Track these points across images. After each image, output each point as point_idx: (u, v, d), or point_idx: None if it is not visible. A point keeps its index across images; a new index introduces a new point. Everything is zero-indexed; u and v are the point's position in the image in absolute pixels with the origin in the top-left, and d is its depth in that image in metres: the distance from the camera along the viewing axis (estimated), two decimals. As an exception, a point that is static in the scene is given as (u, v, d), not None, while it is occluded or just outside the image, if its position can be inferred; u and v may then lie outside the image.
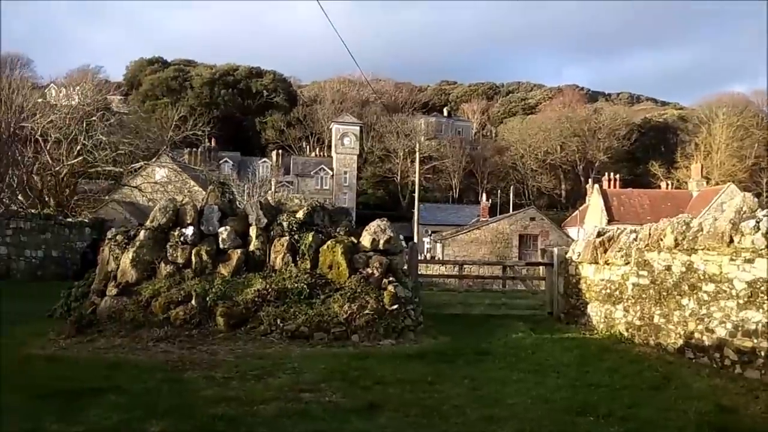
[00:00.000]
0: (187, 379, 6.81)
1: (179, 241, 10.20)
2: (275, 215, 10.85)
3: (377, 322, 9.37)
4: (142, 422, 5.28)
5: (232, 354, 8.14)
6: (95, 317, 9.46)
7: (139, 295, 9.58)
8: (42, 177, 28.06)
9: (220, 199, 10.94)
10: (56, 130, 28.96)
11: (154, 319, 9.23)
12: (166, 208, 10.65)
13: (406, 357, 8.13)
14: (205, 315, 9.28)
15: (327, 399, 6.11)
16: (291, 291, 9.58)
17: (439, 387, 6.66)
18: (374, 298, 9.63)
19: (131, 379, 6.67)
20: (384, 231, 10.69)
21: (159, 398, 5.97)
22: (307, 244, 10.26)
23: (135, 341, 8.66)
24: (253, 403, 5.86)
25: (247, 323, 9.26)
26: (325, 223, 11.09)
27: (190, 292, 9.48)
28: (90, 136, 29.36)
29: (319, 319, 9.25)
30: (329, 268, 10.09)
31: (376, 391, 6.41)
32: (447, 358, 8.18)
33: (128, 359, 7.77)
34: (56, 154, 28.59)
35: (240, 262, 10.11)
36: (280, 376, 6.95)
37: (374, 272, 10.06)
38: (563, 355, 8.64)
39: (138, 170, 34.66)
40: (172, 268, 9.94)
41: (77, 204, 29.60)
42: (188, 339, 8.80)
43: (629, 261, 9.91)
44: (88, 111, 31.53)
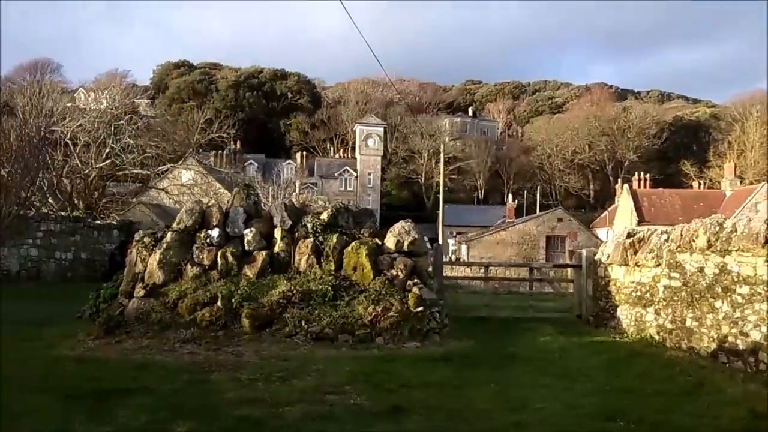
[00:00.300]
0: (213, 381, 6.84)
1: (205, 242, 10.27)
2: (300, 217, 10.87)
3: (402, 324, 9.31)
4: (168, 423, 5.31)
5: (257, 355, 8.16)
6: (123, 318, 9.58)
7: (166, 297, 9.67)
8: (71, 180, 28.67)
9: (245, 201, 10.99)
10: (85, 134, 29.57)
11: (181, 320, 9.31)
12: (192, 210, 10.74)
13: (431, 360, 8.05)
14: (231, 316, 9.32)
15: (351, 402, 6.07)
16: (315, 293, 9.56)
17: (465, 391, 6.57)
18: (399, 300, 9.57)
19: (158, 380, 6.72)
20: (408, 232, 10.62)
21: (185, 399, 6.01)
22: (331, 245, 10.24)
23: (162, 342, 8.74)
24: (278, 405, 5.85)
25: (272, 325, 9.28)
26: (349, 225, 11.06)
27: (216, 293, 9.54)
28: (118, 139, 29.92)
29: (344, 321, 9.23)
30: (353, 270, 10.06)
31: (400, 395, 6.34)
32: (473, 361, 8.08)
33: (155, 360, 7.84)
34: (85, 158, 29.19)
35: (265, 263, 10.14)
36: (304, 379, 6.94)
37: (399, 274, 10.00)
38: (592, 359, 8.47)
39: (165, 173, 35.18)
40: (198, 269, 10.02)
41: (106, 206, 30.16)
42: (214, 340, 8.85)
43: (660, 263, 9.68)
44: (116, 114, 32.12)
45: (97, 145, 29.41)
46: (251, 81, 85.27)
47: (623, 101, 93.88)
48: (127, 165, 30.29)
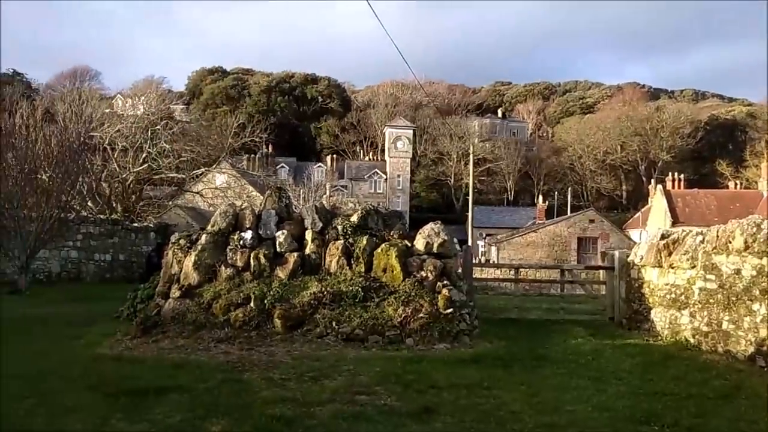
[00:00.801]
0: (247, 380, 6.96)
1: (238, 244, 10.47)
2: (330, 219, 10.99)
3: (432, 325, 9.33)
4: (203, 421, 5.44)
5: (289, 355, 8.28)
6: (160, 318, 9.82)
7: (201, 298, 9.88)
8: (110, 184, 29.48)
9: (277, 204, 11.16)
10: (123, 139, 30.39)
11: (215, 320, 9.50)
12: (226, 213, 10.96)
13: (461, 361, 8.06)
14: (264, 317, 9.48)
15: (382, 402, 6.12)
16: (346, 294, 9.66)
17: (495, 392, 6.56)
18: (428, 301, 9.60)
19: (193, 379, 6.87)
20: (438, 234, 10.64)
21: (219, 398, 6.14)
22: (361, 247, 10.32)
23: (197, 342, 8.93)
24: (309, 405, 5.93)
25: (304, 325, 9.40)
26: (378, 227, 11.13)
27: (249, 294, 9.72)
28: (154, 144, 30.67)
29: (374, 322, 9.30)
30: (383, 272, 10.13)
31: (431, 395, 6.38)
32: (503, 363, 8.05)
33: (191, 359, 8.01)
34: (123, 162, 29.99)
35: (296, 265, 10.28)
36: (335, 378, 7.02)
37: (428, 275, 10.03)
38: (625, 361, 8.36)
39: (199, 176, 35.89)
40: (231, 271, 10.21)
41: (143, 209, 30.92)
42: (247, 340, 9.01)
43: (695, 264, 9.50)
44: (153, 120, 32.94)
45: (135, 149, 30.20)
46: (283, 86, 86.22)
47: (656, 101, 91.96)
48: (163, 169, 31.02)
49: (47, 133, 23.96)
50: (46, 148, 21.66)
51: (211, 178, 38.10)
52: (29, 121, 29.67)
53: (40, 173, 20.33)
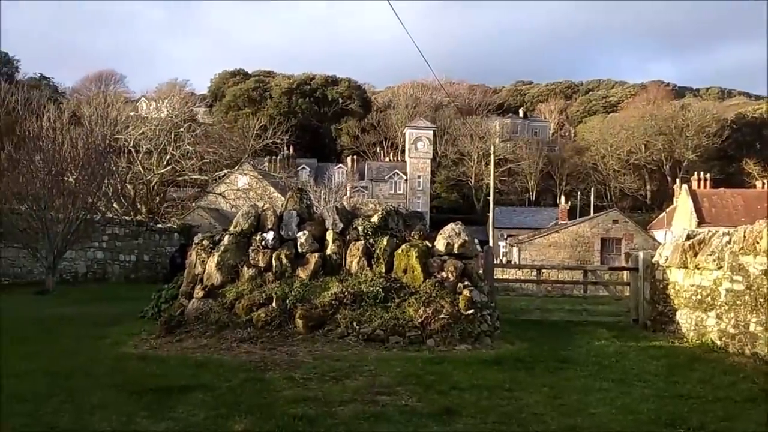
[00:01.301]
0: (269, 379, 7.01)
1: (260, 245, 10.55)
2: (351, 220, 11.01)
3: (453, 326, 9.30)
4: (226, 420, 5.49)
5: (311, 355, 8.32)
6: (183, 318, 9.94)
7: (224, 298, 9.98)
8: (134, 186, 29.96)
9: (298, 205, 11.22)
10: (147, 142, 30.88)
11: (238, 320, 9.59)
12: (248, 214, 11.06)
13: (482, 362, 8.02)
14: (285, 317, 9.54)
15: (403, 403, 6.12)
16: (366, 294, 9.68)
17: (517, 394, 6.52)
18: (449, 302, 9.57)
19: (216, 378, 6.95)
20: (458, 235, 10.60)
21: (242, 397, 6.20)
22: (381, 248, 10.34)
23: (220, 341, 9.02)
24: (331, 404, 5.96)
25: (325, 325, 9.44)
26: (399, 227, 11.13)
27: (271, 294, 9.79)
28: (178, 146, 31.11)
29: (395, 322, 9.30)
30: (404, 272, 10.13)
31: (452, 397, 6.36)
32: (525, 364, 7.99)
33: (214, 359, 8.10)
34: (147, 164, 30.47)
35: (317, 265, 10.32)
36: (357, 379, 7.04)
37: (449, 276, 10.00)
38: (650, 364, 8.24)
39: (222, 178, 36.27)
40: (254, 271, 10.30)
41: (166, 211, 31.37)
42: (269, 340, 9.07)
43: (722, 265, 9.33)
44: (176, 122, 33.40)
45: (158, 152, 30.67)
46: (304, 88, 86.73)
47: (681, 99, 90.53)
48: (186, 171, 31.45)
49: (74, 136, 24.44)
50: (73, 150, 22.11)
51: (233, 179, 38.49)
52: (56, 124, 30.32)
53: (67, 175, 20.76)
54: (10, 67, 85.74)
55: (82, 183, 20.57)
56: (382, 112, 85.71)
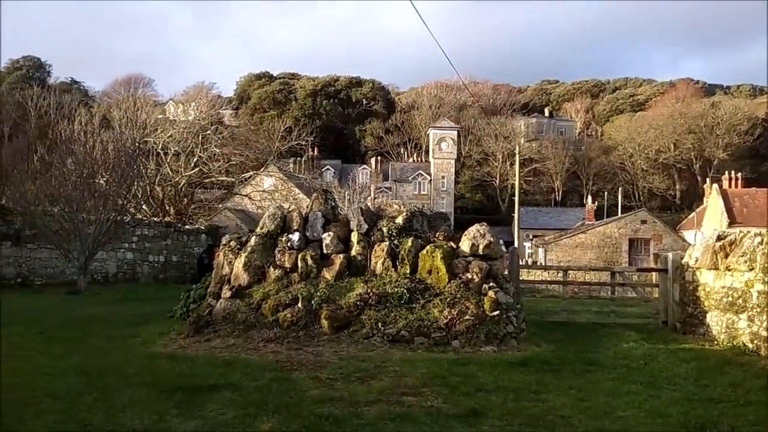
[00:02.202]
0: (295, 379, 7.08)
1: (286, 246, 10.65)
2: (375, 221, 11.05)
3: (478, 328, 9.27)
4: (254, 419, 5.55)
5: (336, 356, 8.37)
6: (211, 318, 10.08)
7: (251, 298, 10.10)
8: (163, 187, 30.50)
9: (323, 206, 11.30)
10: (175, 144, 31.41)
11: (264, 320, 9.70)
12: (274, 215, 11.17)
13: (508, 364, 7.98)
14: (311, 317, 9.61)
15: (429, 404, 6.13)
16: (391, 295, 9.70)
17: (544, 396, 6.47)
18: (474, 303, 9.54)
19: (244, 378, 7.03)
20: (483, 236, 10.57)
21: (269, 396, 6.26)
22: (406, 249, 10.35)
23: (247, 341, 9.13)
24: (357, 405, 5.99)
25: (350, 326, 9.48)
26: (424, 228, 11.13)
27: (297, 295, 9.87)
28: (205, 148, 31.59)
29: (419, 323, 9.31)
30: (428, 273, 10.13)
31: (478, 398, 6.34)
32: (552, 367, 7.93)
33: (241, 358, 8.20)
34: (175, 166, 30.99)
35: (342, 266, 10.38)
36: (382, 379, 7.06)
37: (474, 277, 9.97)
38: (679, 367, 8.11)
39: (248, 179, 36.70)
40: (280, 272, 10.40)
41: (194, 212, 31.87)
42: (295, 340, 9.15)
43: (754, 267, 9.13)
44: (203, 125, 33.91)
45: (186, 154, 31.18)
46: (328, 89, 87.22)
47: (711, 97, 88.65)
48: (213, 173, 31.91)
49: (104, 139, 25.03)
50: (104, 153, 22.61)
51: (259, 181, 38.91)
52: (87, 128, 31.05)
53: (98, 178, 21.21)
54: (42, 72, 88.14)
55: (112, 185, 21.01)
56: (406, 112, 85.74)
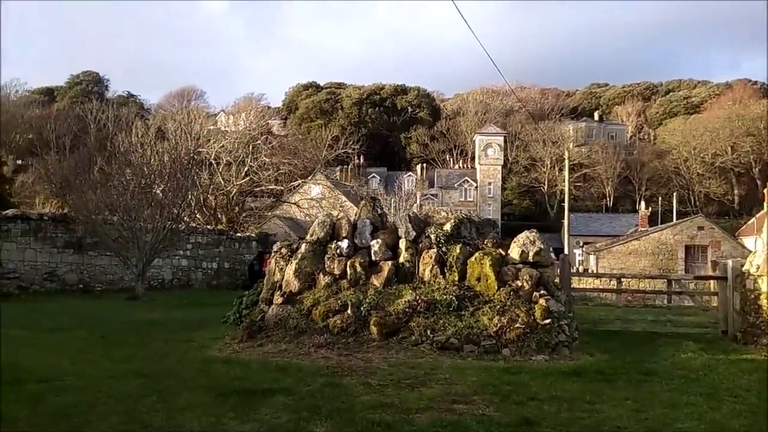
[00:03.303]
0: (346, 385, 7.16)
1: (335, 253, 10.79)
2: (423, 228, 11.08)
3: (529, 336, 9.16)
4: (307, 423, 5.65)
5: (386, 362, 8.43)
6: (263, 323, 10.30)
7: (301, 304, 10.27)
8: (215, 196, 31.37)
9: (371, 214, 11.41)
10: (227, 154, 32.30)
11: (315, 326, 9.84)
12: (324, 222, 11.35)
13: (561, 374, 7.86)
14: (360, 324, 9.70)
15: (480, 412, 6.10)
16: (440, 302, 9.70)
17: (599, 407, 6.34)
18: (525, 311, 9.44)
19: (296, 382, 7.16)
20: (533, 242, 10.45)
21: (322, 401, 6.36)
22: (454, 256, 10.34)
23: (298, 346, 9.30)
24: (408, 412, 6.02)
25: (399, 333, 9.53)
26: (472, 235, 11.09)
27: (346, 301, 9.99)
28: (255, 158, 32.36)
29: (469, 331, 9.26)
30: (477, 281, 10.08)
31: (530, 407, 6.27)
32: (606, 376, 7.76)
33: (293, 363, 8.35)
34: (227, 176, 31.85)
35: (390, 273, 10.44)
36: (432, 386, 7.07)
37: (524, 285, 9.86)
38: (741, 378, 7.81)
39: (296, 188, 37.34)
40: (329, 278, 10.54)
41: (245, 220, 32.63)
42: (345, 346, 9.26)
43: (822, 275, 8.70)
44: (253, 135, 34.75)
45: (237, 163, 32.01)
46: (373, 97, 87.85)
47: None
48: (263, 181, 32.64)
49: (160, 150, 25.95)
50: (160, 164, 23.42)
51: (306, 189, 39.52)
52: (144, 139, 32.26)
53: (155, 187, 21.98)
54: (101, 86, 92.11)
55: (168, 194, 21.74)
56: (452, 119, 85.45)
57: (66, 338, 10.63)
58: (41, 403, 6.11)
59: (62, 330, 11.60)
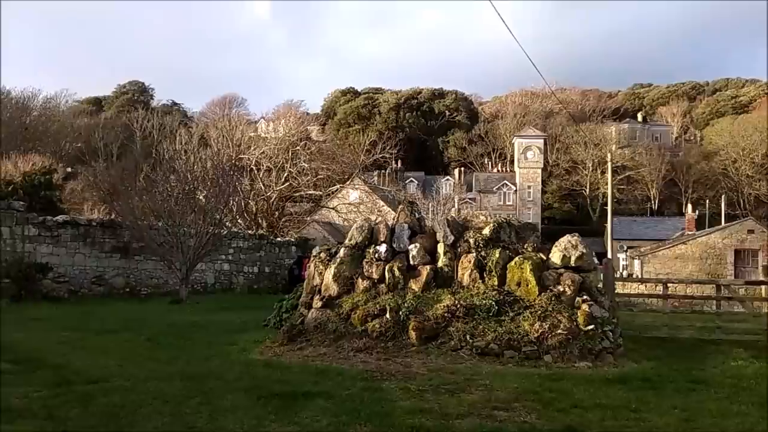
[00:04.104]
0: (385, 389, 7.16)
1: (374, 257, 10.82)
2: (461, 232, 11.01)
3: (571, 342, 8.99)
4: (347, 427, 5.67)
5: (425, 367, 8.39)
6: (303, 327, 10.40)
7: (340, 308, 10.33)
8: (256, 202, 31.92)
9: (409, 218, 11.40)
10: (267, 160, 32.88)
11: (354, 330, 9.88)
12: (362, 227, 11.39)
13: (605, 381, 7.68)
14: (399, 328, 9.69)
15: (521, 419, 6.01)
16: (479, 307, 9.61)
17: (645, 415, 6.17)
18: (567, 317, 9.27)
19: (336, 386, 7.20)
20: (575, 247, 10.26)
21: (361, 405, 6.37)
22: (494, 260, 10.23)
23: (337, 350, 9.36)
24: (448, 417, 5.97)
25: (438, 338, 9.48)
26: (511, 240, 10.95)
27: (385, 306, 10.00)
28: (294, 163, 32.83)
29: (509, 336, 9.15)
30: (517, 285, 9.95)
31: (573, 415, 6.15)
32: (652, 384, 7.56)
33: (332, 367, 8.41)
34: (267, 181, 32.39)
35: (429, 278, 10.40)
36: (472, 392, 7.00)
37: (566, 290, 9.69)
38: (796, 387, 7.48)
39: (334, 193, 37.66)
40: (367, 283, 10.57)
41: (284, 225, 33.08)
42: (384, 350, 9.27)
43: None
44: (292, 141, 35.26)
45: (277, 169, 32.55)
46: (411, 102, 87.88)
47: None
48: (302, 187, 33.09)
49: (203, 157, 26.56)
50: (202, 170, 23.94)
51: (345, 194, 39.80)
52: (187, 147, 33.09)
53: (198, 193, 22.48)
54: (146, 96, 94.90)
55: (210, 200, 22.20)
56: (490, 122, 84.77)
57: (113, 340, 10.96)
58: (90, 404, 6.29)
59: (109, 332, 11.96)
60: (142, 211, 21.23)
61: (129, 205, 21.53)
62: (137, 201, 21.66)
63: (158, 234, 20.60)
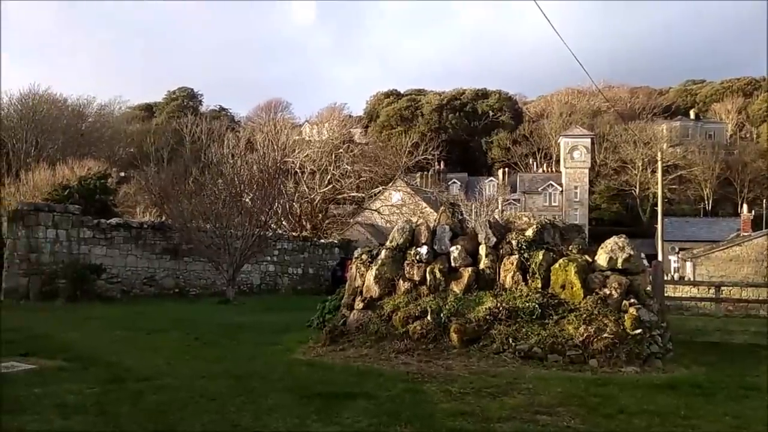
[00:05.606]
0: (426, 391, 7.16)
1: (415, 259, 10.81)
2: (504, 234, 10.89)
3: (618, 347, 8.78)
4: (387, 428, 5.70)
5: (466, 370, 8.35)
6: (345, 328, 10.49)
7: (382, 310, 10.37)
8: (300, 204, 32.37)
9: (450, 219, 11.36)
10: (311, 163, 33.32)
11: (395, 332, 9.91)
12: (403, 229, 11.41)
13: (652, 386, 7.47)
14: (440, 330, 9.67)
15: (565, 424, 5.91)
16: (522, 310, 9.49)
17: (695, 422, 5.98)
18: (613, 321, 9.05)
19: (377, 387, 7.24)
20: (622, 248, 10.01)
21: (402, 407, 6.39)
22: (537, 262, 10.08)
23: (379, 352, 9.40)
24: (489, 421, 5.93)
25: (480, 340, 9.41)
26: (555, 241, 10.77)
27: (426, 308, 9.98)
28: (338, 166, 33.16)
29: (553, 340, 9.01)
30: (561, 288, 9.78)
31: (619, 421, 6.01)
32: (703, 390, 7.30)
33: (374, 368, 8.46)
34: (311, 184, 32.82)
35: (470, 280, 10.33)
36: (514, 396, 6.93)
37: (612, 293, 9.46)
38: None
39: (377, 194, 37.82)
40: (409, 284, 10.58)
41: (328, 227, 33.43)
42: (425, 352, 9.26)
43: None
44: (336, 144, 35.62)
45: (321, 172, 32.94)
46: (453, 103, 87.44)
47: None
48: (345, 189, 33.36)
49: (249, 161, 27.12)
50: (249, 174, 24.45)
51: (387, 195, 39.92)
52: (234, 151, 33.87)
53: (244, 196, 22.97)
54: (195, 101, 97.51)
55: (256, 203, 22.67)
56: (535, 122, 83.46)
57: (163, 339, 11.33)
58: (140, 401, 6.52)
59: (159, 332, 12.37)
60: (191, 214, 21.82)
61: (179, 208, 22.16)
62: (186, 204, 22.27)
63: (206, 236, 21.13)
